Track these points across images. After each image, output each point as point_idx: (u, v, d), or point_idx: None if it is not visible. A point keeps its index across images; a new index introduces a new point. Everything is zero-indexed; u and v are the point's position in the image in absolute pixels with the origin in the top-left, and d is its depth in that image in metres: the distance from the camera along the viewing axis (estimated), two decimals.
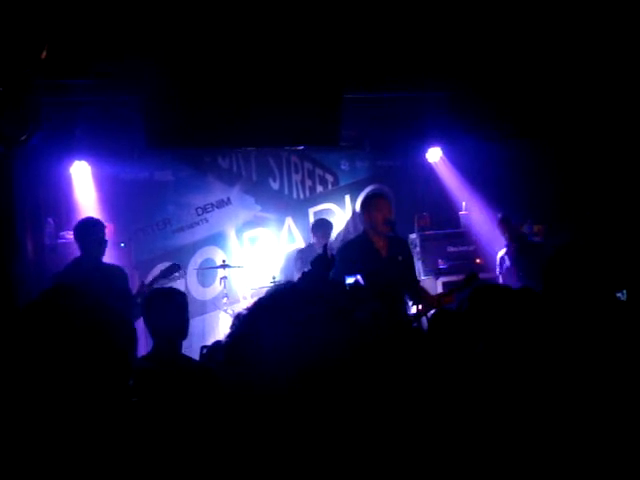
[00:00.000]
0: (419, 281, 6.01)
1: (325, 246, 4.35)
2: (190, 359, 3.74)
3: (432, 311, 4.57)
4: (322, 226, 7.86)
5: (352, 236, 7.88)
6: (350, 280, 3.97)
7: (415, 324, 4.75)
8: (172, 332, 3.56)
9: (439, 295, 5.64)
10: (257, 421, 1.40)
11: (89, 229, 5.46)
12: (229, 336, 1.54)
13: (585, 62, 6.55)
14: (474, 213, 8.14)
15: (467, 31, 6.12)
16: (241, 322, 1.53)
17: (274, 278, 7.42)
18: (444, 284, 7.45)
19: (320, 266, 3.85)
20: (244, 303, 7.72)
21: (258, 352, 1.43)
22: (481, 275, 7.48)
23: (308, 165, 8.66)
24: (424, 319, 4.78)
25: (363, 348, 1.60)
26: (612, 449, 1.93)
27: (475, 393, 1.99)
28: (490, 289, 2.94)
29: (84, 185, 7.60)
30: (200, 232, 8.25)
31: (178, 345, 3.60)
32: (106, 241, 5.53)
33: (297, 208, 8.62)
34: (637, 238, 6.34)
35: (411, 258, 5.78)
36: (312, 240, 7.92)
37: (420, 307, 5.12)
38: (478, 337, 2.50)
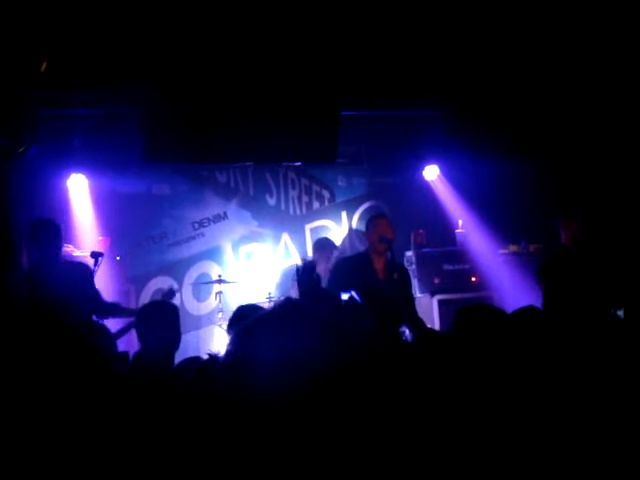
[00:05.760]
0: (416, 311, 5.85)
1: (312, 263, 4.33)
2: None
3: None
4: (325, 246, 7.63)
5: (348, 253, 7.90)
6: (345, 297, 3.94)
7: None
8: (165, 344, 3.56)
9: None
10: (255, 437, 1.39)
11: (39, 228, 5.64)
12: (227, 353, 1.53)
13: (582, 80, 6.58)
14: (470, 231, 8.13)
15: (464, 49, 6.16)
16: (239, 338, 1.52)
17: (270, 294, 7.40)
18: (439, 302, 7.45)
19: (306, 283, 3.84)
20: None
21: (257, 368, 1.42)
22: (477, 294, 7.53)
23: (305, 181, 8.67)
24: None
25: (359, 364, 1.59)
26: (609, 462, 1.92)
27: (457, 407, 1.98)
28: (474, 309, 2.98)
29: (81, 198, 7.60)
30: (196, 246, 8.24)
31: (171, 357, 3.60)
32: (58, 236, 5.72)
33: (293, 224, 8.62)
34: (635, 257, 6.34)
35: (408, 286, 5.66)
36: (313, 257, 7.83)
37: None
38: (461, 356, 2.51)
